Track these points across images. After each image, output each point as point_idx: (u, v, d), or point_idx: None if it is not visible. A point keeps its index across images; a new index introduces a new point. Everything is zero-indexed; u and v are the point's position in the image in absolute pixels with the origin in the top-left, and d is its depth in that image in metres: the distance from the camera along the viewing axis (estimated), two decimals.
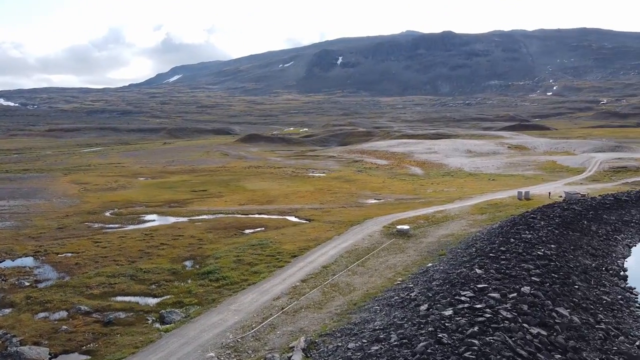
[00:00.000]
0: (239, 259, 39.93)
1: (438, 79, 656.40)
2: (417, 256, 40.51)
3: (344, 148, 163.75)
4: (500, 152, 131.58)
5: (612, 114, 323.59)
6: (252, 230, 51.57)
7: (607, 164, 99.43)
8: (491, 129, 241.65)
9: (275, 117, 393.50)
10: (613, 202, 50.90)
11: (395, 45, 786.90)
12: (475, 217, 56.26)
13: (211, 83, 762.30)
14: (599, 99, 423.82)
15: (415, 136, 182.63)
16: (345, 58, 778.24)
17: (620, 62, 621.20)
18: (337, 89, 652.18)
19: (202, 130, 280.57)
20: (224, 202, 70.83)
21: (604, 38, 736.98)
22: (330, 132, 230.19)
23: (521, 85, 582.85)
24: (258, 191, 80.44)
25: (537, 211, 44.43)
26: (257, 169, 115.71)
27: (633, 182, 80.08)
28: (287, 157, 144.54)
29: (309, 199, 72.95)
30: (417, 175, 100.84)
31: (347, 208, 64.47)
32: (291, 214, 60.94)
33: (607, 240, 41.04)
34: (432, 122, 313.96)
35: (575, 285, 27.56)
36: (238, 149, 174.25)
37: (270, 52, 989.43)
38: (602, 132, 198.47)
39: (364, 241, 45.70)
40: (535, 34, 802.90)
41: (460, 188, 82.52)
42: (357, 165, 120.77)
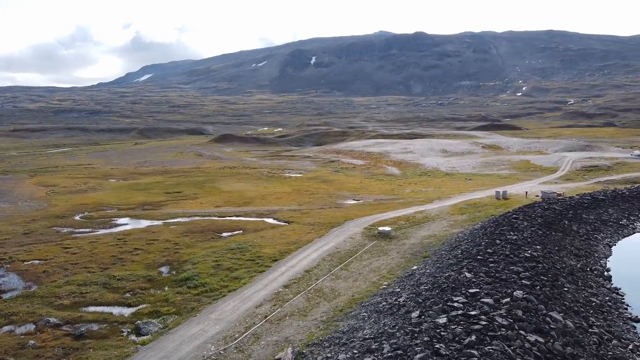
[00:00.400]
0: (218, 264, 38.47)
1: (411, 79, 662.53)
2: (400, 258, 39.78)
3: (319, 148, 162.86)
4: (475, 151, 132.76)
5: (579, 114, 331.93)
6: (230, 234, 50.06)
7: (579, 163, 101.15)
8: (464, 128, 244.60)
9: (249, 117, 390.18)
10: (591, 201, 51.31)
11: (368, 46, 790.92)
12: (456, 217, 56.02)
13: (183, 82, 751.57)
14: (567, 99, 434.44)
15: (390, 136, 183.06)
16: (318, 58, 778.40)
17: (586, 63, 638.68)
18: (311, 88, 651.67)
19: (174, 130, 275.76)
20: (199, 204, 68.93)
21: (570, 40, 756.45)
22: (305, 132, 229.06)
23: (491, 86, 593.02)
24: (234, 192, 78.74)
25: (518, 211, 44.28)
26: (232, 169, 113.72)
27: (605, 181, 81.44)
28: (263, 158, 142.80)
29: (287, 200, 71.68)
30: (395, 176, 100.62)
31: (326, 209, 63.47)
32: (269, 216, 59.59)
33: (588, 240, 41.13)
34: (406, 122, 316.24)
35: (565, 288, 27.18)
36: (212, 149, 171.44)
37: (243, 52, 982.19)
38: (571, 131, 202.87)
39: (346, 243, 44.76)
40: (504, 35, 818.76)
41: (438, 188, 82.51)
42: (333, 165, 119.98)
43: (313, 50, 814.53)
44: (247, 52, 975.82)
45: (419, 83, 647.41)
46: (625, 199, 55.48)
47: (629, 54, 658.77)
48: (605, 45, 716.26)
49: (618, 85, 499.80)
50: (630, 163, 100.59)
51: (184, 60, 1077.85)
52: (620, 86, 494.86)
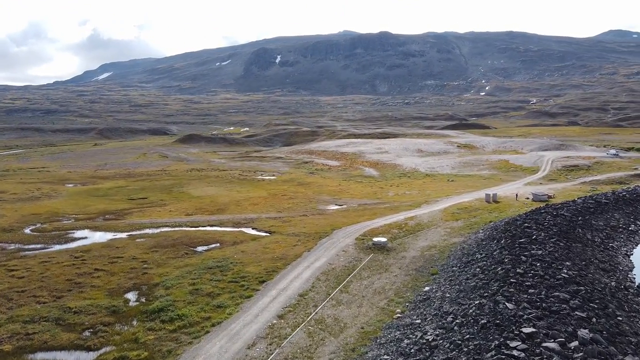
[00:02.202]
0: (196, 288, 32.80)
1: (376, 79, 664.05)
2: (405, 276, 35.12)
3: (290, 148, 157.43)
4: (450, 151, 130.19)
5: (542, 114, 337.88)
6: (206, 248, 44.26)
7: (558, 163, 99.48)
8: (433, 127, 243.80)
9: (214, 116, 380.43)
10: (595, 205, 48.20)
11: (334, 45, 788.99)
12: (451, 224, 51.91)
13: (144, 81, 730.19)
14: (529, 98, 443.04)
15: (362, 135, 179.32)
16: (283, 57, 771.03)
17: (545, 64, 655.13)
18: (277, 88, 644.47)
19: (136, 131, 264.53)
20: (168, 212, 62.58)
21: (529, 41, 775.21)
22: (273, 132, 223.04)
23: (456, 85, 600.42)
24: (205, 198, 72.59)
25: (528, 219, 40.39)
26: (201, 172, 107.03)
27: (591, 181, 79.44)
28: (232, 159, 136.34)
29: (264, 206, 66.15)
30: (373, 177, 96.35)
31: (308, 216, 58.34)
32: (248, 225, 53.99)
33: (606, 250, 37.58)
34: (375, 122, 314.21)
35: (618, 317, 23.05)
36: (177, 150, 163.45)
37: (206, 50, 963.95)
38: (539, 130, 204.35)
39: (340, 258, 39.76)
40: (466, 36, 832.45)
41: (422, 190, 78.62)
42: (307, 166, 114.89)
43: (278, 49, 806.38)
44: (210, 50, 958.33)
45: (385, 82, 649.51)
46: (627, 202, 52.78)
47: (585, 55, 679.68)
48: (562, 46, 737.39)
49: (576, 85, 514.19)
50: (608, 162, 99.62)
51: (145, 59, 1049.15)
52: (578, 86, 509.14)
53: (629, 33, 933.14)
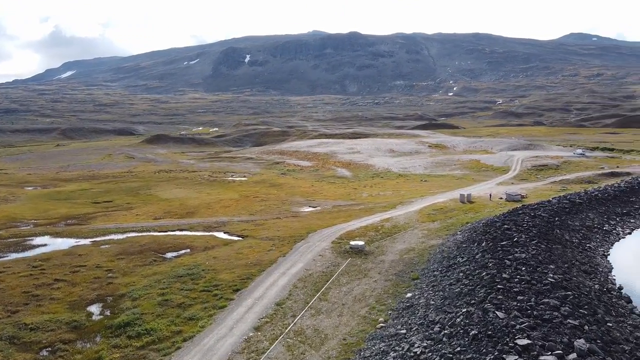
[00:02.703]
0: (165, 298, 30.80)
1: (346, 79, 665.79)
2: (385, 281, 33.95)
3: (261, 149, 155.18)
4: (422, 151, 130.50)
5: (508, 114, 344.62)
6: (176, 254, 42.12)
7: (528, 163, 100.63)
8: (404, 127, 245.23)
9: (182, 116, 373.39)
10: (570, 205, 48.24)
11: (303, 45, 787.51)
12: (427, 225, 51.15)
13: (109, 80, 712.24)
14: (495, 99, 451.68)
15: (333, 135, 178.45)
16: (253, 56, 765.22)
17: (510, 65, 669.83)
18: (246, 87, 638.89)
19: (101, 131, 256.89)
20: (134, 216, 59.90)
21: (495, 43, 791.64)
22: (243, 132, 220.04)
23: (424, 86, 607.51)
24: (174, 201, 70.06)
25: (507, 220, 39.85)
26: (169, 173, 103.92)
27: (561, 180, 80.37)
28: (201, 160, 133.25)
29: (236, 208, 64.16)
30: (346, 178, 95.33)
31: (282, 219, 56.70)
32: (219, 229, 51.98)
33: (585, 251, 37.36)
34: (345, 121, 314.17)
35: (608, 324, 22.40)
36: (144, 150, 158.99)
37: (174, 49, 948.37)
38: (506, 130, 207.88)
39: (316, 263, 38.32)
40: (434, 37, 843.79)
41: (396, 191, 77.98)
42: (279, 167, 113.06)
43: (247, 48, 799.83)
44: (178, 49, 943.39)
45: (354, 82, 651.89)
46: (600, 201, 53.13)
47: (548, 56, 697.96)
48: (526, 48, 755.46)
49: (540, 86, 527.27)
50: (576, 162, 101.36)
51: (109, 57, 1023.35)
52: (542, 87, 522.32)
53: (589, 36, 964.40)
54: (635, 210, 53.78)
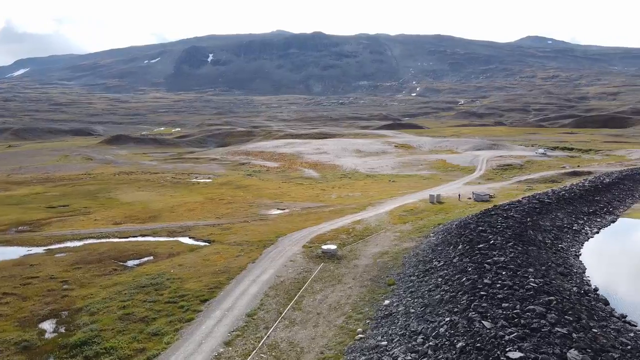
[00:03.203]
0: (127, 312, 28.59)
1: (310, 79, 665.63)
2: (360, 287, 32.70)
3: (226, 149, 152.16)
4: (388, 151, 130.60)
5: (470, 114, 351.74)
6: (138, 262, 39.71)
7: (493, 162, 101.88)
8: (369, 127, 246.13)
9: (143, 116, 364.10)
10: (540, 205, 48.36)
11: (267, 44, 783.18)
12: (399, 227, 50.34)
13: (65, 78, 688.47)
14: (457, 99, 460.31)
15: (299, 136, 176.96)
16: (216, 55, 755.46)
17: (472, 66, 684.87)
18: (209, 87, 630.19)
19: (57, 131, 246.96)
20: (93, 221, 56.74)
21: (456, 45, 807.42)
22: (207, 132, 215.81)
23: (388, 86, 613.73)
24: (136, 204, 67.02)
25: (480, 222, 39.33)
26: (130, 175, 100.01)
27: (526, 180, 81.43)
28: (164, 161, 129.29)
29: (201, 212, 61.80)
30: (314, 179, 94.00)
31: (250, 223, 54.80)
32: (184, 234, 49.64)
33: (558, 252, 37.21)
34: (310, 122, 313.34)
35: (593, 330, 21.76)
36: (104, 151, 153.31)
37: (134, 47, 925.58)
38: (469, 130, 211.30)
39: (288, 269, 36.74)
40: (397, 38, 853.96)
41: (364, 192, 77.15)
42: (245, 168, 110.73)
43: (210, 47, 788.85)
44: (138, 47, 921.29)
45: (319, 82, 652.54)
46: (567, 201, 53.64)
47: (507, 58, 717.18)
48: (486, 50, 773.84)
49: (500, 87, 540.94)
50: (538, 161, 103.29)
51: (66, 55, 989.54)
52: (502, 88, 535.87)
53: (544, 39, 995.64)
54: (600, 209, 54.59)
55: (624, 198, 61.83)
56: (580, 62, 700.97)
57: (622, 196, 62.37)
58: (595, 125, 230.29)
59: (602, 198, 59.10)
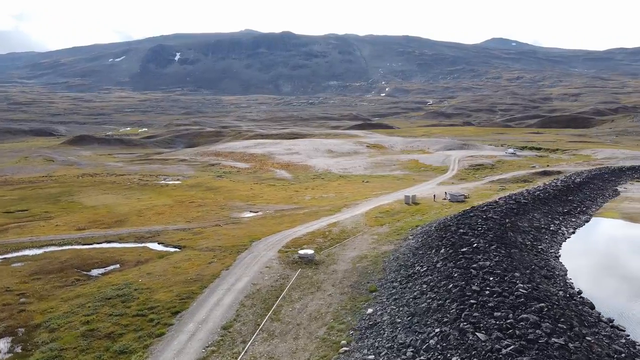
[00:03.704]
0: (91, 327, 26.42)
1: (280, 79, 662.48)
2: (340, 295, 31.32)
3: (194, 150, 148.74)
4: (361, 151, 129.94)
5: (439, 114, 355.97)
6: (103, 271, 37.32)
7: (465, 162, 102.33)
8: (339, 127, 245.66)
9: (108, 116, 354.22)
10: (517, 206, 48.10)
11: (236, 43, 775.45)
12: (376, 229, 49.27)
13: (25, 77, 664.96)
14: (426, 100, 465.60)
15: (270, 136, 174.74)
16: (183, 54, 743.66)
17: (439, 67, 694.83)
18: (176, 86, 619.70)
19: (16, 131, 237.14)
20: (54, 226, 53.65)
21: (424, 46, 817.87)
22: (175, 133, 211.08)
23: (357, 86, 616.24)
24: (101, 208, 63.96)
25: (460, 224, 38.53)
26: (94, 177, 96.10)
27: (498, 180, 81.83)
28: (130, 162, 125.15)
29: (171, 215, 59.36)
30: (287, 180, 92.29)
31: (222, 226, 52.78)
32: (153, 239, 47.29)
33: (539, 254, 36.78)
34: (280, 122, 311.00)
35: (587, 337, 20.98)
36: (66, 153, 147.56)
37: (97, 45, 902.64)
38: (439, 130, 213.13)
39: (264, 276, 35.07)
40: (366, 38, 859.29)
41: (338, 193, 75.94)
42: (214, 169, 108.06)
43: (177, 46, 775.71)
44: (102, 45, 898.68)
45: (288, 82, 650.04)
46: (542, 201, 53.70)
47: (473, 60, 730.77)
48: (453, 51, 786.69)
49: (467, 88, 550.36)
50: (509, 161, 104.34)
51: (26, 52, 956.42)
52: (469, 89, 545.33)
53: (508, 41, 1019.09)
54: (574, 209, 54.91)
55: (595, 197, 62.57)
56: (543, 64, 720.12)
57: (593, 195, 63.11)
58: (559, 125, 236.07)
59: (575, 198, 59.59)
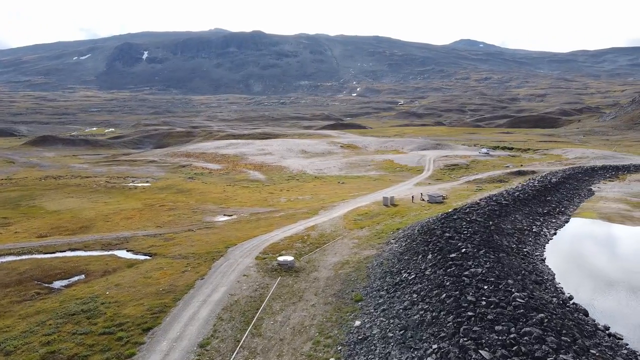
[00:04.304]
0: (52, 349, 23.94)
1: (250, 78, 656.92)
2: (324, 305, 29.57)
3: (164, 150, 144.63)
4: (334, 151, 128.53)
5: (410, 114, 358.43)
6: (67, 282, 34.59)
7: (440, 162, 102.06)
8: (312, 127, 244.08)
9: (73, 115, 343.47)
10: (499, 208, 47.28)
11: (205, 42, 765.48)
12: (356, 233, 47.71)
13: None
14: (397, 100, 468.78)
15: (242, 136, 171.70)
16: (151, 53, 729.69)
17: (409, 67, 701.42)
18: (145, 85, 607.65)
19: None
20: (12, 234, 50.18)
21: (394, 46, 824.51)
22: (144, 133, 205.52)
23: (329, 86, 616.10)
24: (64, 213, 60.51)
25: (445, 227, 37.27)
26: (58, 180, 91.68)
27: (475, 180, 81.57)
28: (96, 164, 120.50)
29: (140, 220, 56.51)
30: (261, 181, 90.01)
31: (195, 231, 50.34)
32: (121, 247, 44.54)
33: (526, 257, 35.87)
34: (252, 122, 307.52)
35: (592, 350, 19.81)
36: (28, 154, 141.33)
37: (61, 43, 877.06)
38: (412, 130, 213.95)
39: (242, 286, 33.03)
40: (337, 39, 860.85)
41: (314, 195, 74.18)
42: (185, 170, 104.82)
43: (145, 44, 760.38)
44: (66, 43, 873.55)
45: (259, 82, 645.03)
46: (522, 202, 53.17)
47: (442, 60, 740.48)
48: (422, 52, 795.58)
49: (436, 88, 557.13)
50: (483, 161, 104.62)
51: None
52: (439, 89, 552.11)
53: (476, 43, 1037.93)
54: (553, 209, 54.63)
55: (572, 197, 62.66)
56: (509, 65, 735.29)
57: (569, 195, 63.20)
58: (527, 125, 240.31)
59: (553, 198, 59.44)
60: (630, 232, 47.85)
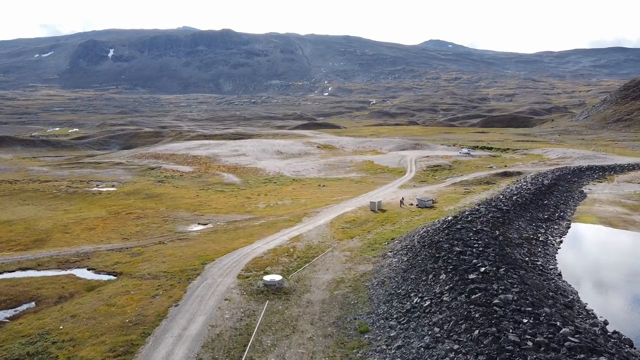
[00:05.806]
0: None
1: (220, 77, 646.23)
2: (324, 338, 25.00)
3: (131, 152, 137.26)
4: (311, 152, 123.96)
5: (383, 113, 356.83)
6: (12, 313, 29.05)
7: (422, 163, 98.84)
8: (285, 127, 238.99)
9: (34, 115, 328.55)
10: (501, 214, 43.73)
11: (173, 41, 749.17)
12: (347, 244, 43.32)
13: None
14: (369, 99, 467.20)
15: (213, 136, 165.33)
16: (117, 51, 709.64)
17: (380, 67, 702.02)
18: (110, 84, 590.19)
19: None
20: None
21: (365, 46, 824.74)
22: (109, 133, 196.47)
23: (300, 86, 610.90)
24: (17, 224, 54.10)
25: (451, 239, 33.21)
26: (14, 184, 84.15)
27: (460, 182, 78.38)
28: (58, 166, 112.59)
29: (104, 231, 50.72)
30: (236, 185, 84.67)
31: (166, 244, 44.99)
32: (81, 264, 38.90)
33: (543, 273, 32.14)
34: (223, 121, 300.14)
35: None
36: None
37: (21, 40, 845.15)
38: (387, 130, 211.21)
39: (224, 314, 28.13)
40: (308, 38, 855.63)
41: (295, 199, 69.48)
42: (155, 173, 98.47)
43: (110, 42, 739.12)
44: (27, 40, 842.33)
45: (229, 81, 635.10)
46: (522, 207, 49.87)
47: (412, 60, 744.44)
48: (393, 52, 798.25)
49: (408, 88, 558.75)
50: (465, 161, 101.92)
51: None
52: (410, 89, 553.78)
53: (445, 43, 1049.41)
54: (552, 214, 51.58)
55: (567, 200, 59.93)
56: (478, 66, 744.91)
57: (564, 198, 60.48)
58: (501, 124, 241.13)
59: (550, 202, 56.48)
60: (638, 239, 45.02)
